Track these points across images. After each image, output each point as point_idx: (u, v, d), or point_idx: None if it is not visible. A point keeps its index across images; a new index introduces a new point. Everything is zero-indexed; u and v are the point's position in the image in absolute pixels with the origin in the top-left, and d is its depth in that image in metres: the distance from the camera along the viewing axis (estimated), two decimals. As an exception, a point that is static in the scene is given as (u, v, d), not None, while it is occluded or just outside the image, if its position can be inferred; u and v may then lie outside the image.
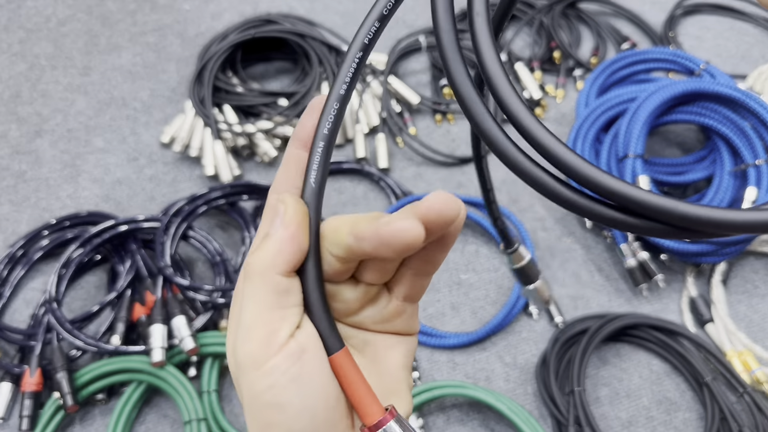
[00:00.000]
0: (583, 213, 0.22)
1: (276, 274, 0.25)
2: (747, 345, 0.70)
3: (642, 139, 0.74)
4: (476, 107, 0.23)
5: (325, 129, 0.27)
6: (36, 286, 0.77)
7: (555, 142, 0.21)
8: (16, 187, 0.87)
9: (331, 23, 1.07)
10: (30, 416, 0.64)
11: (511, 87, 0.23)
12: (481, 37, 0.23)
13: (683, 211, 0.20)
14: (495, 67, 0.23)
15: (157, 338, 0.65)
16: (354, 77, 0.27)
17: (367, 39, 0.27)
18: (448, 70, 0.24)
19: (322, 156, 0.27)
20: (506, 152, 0.23)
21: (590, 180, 0.21)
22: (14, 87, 1.00)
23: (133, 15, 1.12)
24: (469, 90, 0.24)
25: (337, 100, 0.27)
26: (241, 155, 0.89)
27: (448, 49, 0.24)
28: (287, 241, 0.25)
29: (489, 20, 0.23)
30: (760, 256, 0.79)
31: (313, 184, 0.27)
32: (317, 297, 0.26)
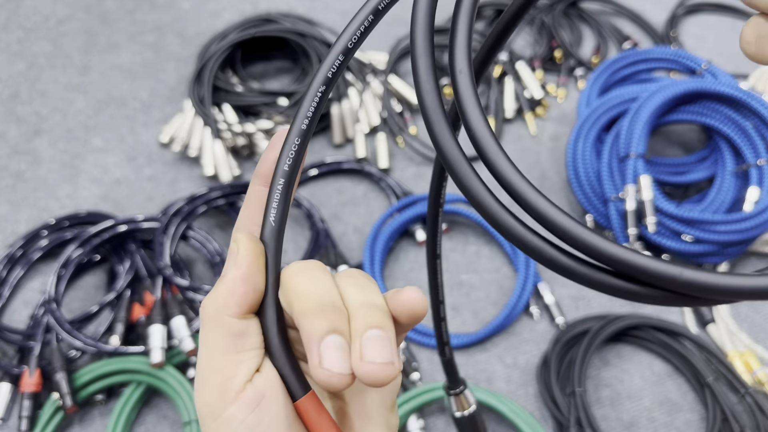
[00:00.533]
0: (583, 281, 0.21)
1: (228, 316, 0.24)
2: (748, 346, 0.70)
3: (644, 139, 0.74)
4: (471, 181, 0.22)
5: (285, 165, 0.26)
6: (35, 286, 0.77)
7: (555, 210, 0.20)
8: (14, 187, 0.87)
9: (331, 22, 1.07)
10: (29, 417, 0.63)
11: (500, 149, 0.22)
12: (466, 98, 0.22)
13: (688, 278, 0.19)
14: (484, 132, 0.22)
15: (156, 339, 0.65)
16: (316, 111, 0.26)
17: (330, 73, 0.26)
18: (435, 139, 0.23)
19: (282, 193, 0.26)
20: (503, 221, 0.22)
21: (591, 247, 0.20)
22: (13, 86, 0.99)
23: (132, 14, 1.11)
24: (459, 161, 0.22)
25: (298, 135, 0.26)
26: (240, 155, 0.89)
27: (432, 112, 0.23)
28: (239, 282, 0.24)
29: (472, 77, 0.22)
30: (762, 256, 0.79)
31: (273, 223, 0.26)
32: (277, 339, 0.25)
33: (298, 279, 0.24)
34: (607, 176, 0.76)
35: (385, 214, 0.80)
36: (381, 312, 0.24)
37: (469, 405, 0.39)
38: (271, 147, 0.27)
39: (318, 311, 0.23)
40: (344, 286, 0.25)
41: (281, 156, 0.26)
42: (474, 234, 0.82)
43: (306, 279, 0.24)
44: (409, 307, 0.24)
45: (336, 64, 0.26)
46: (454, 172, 0.22)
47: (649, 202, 0.71)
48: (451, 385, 0.38)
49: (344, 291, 0.24)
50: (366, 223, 0.83)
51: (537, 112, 0.95)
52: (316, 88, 0.26)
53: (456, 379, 0.36)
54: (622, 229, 0.73)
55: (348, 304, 0.24)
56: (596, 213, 0.78)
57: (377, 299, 0.24)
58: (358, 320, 0.23)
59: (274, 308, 0.25)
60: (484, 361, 0.71)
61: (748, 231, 0.70)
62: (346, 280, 0.25)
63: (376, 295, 0.25)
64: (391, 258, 0.80)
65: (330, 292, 0.24)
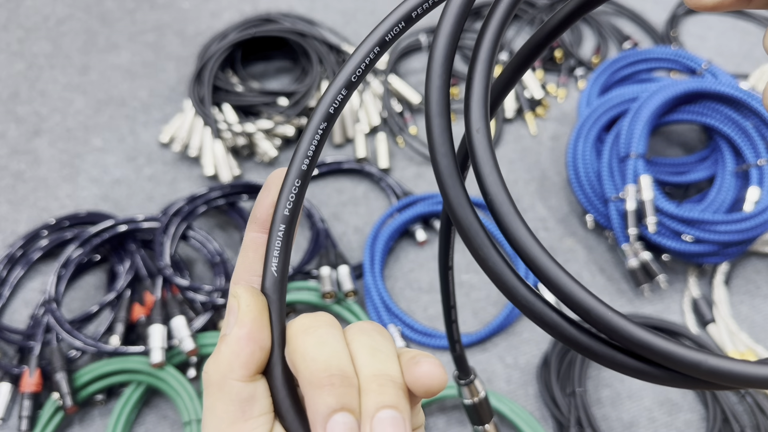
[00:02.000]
0: (603, 362, 0.21)
1: (235, 380, 0.22)
2: (749, 346, 0.70)
3: (644, 139, 0.74)
4: (490, 254, 0.21)
5: (286, 210, 0.24)
6: (35, 286, 0.77)
7: (578, 288, 0.20)
8: (14, 186, 0.87)
9: (331, 22, 1.07)
10: (29, 417, 0.63)
11: (521, 221, 0.21)
12: (483, 161, 0.21)
13: (712, 365, 0.19)
14: (503, 200, 0.21)
15: (156, 339, 0.65)
16: (317, 150, 0.24)
17: (332, 108, 0.24)
18: (450, 206, 0.22)
19: (283, 240, 0.24)
20: (525, 299, 0.21)
21: (616, 330, 0.20)
22: (13, 86, 0.99)
23: (132, 14, 1.11)
24: (479, 233, 0.22)
25: (298, 176, 0.24)
26: (240, 155, 0.89)
27: (447, 177, 0.22)
28: (244, 342, 0.22)
29: (489, 138, 0.21)
30: (763, 256, 0.79)
31: (275, 273, 0.24)
32: (288, 402, 0.23)
33: (304, 340, 0.22)
34: (607, 176, 0.76)
35: (385, 214, 0.80)
36: (395, 387, 0.22)
37: (478, 393, 0.41)
38: (266, 189, 0.25)
39: (325, 383, 0.21)
40: (356, 348, 0.23)
41: (280, 199, 0.24)
42: (474, 234, 0.81)
43: (313, 340, 0.22)
44: (426, 383, 0.22)
45: (338, 99, 0.24)
46: (469, 241, 0.22)
47: (649, 201, 0.71)
48: (461, 375, 0.39)
49: (356, 355, 0.22)
50: (366, 223, 0.83)
51: (537, 112, 0.95)
52: (316, 125, 0.24)
53: (467, 370, 0.38)
54: (622, 229, 0.73)
55: (359, 372, 0.22)
56: (596, 213, 0.78)
57: (392, 369, 0.22)
58: (369, 397, 0.21)
59: (282, 366, 0.23)
60: (484, 361, 0.71)
61: (749, 231, 0.70)
62: (358, 339, 0.23)
63: (391, 363, 0.23)
64: (391, 258, 0.80)
65: (339, 357, 0.22)
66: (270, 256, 0.24)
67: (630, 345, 0.20)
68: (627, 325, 0.19)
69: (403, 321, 0.72)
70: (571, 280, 0.20)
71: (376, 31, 0.24)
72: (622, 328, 0.19)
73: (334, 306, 0.72)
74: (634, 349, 0.20)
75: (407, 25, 0.24)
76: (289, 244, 0.24)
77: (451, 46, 0.23)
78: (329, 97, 0.24)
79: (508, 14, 0.23)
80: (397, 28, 0.24)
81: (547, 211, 0.84)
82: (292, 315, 0.74)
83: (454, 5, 0.23)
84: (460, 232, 0.22)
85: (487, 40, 0.22)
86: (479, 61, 0.22)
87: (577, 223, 0.82)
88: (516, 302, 0.21)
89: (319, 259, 0.74)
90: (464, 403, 0.41)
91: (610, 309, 0.20)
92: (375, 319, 0.73)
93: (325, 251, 0.75)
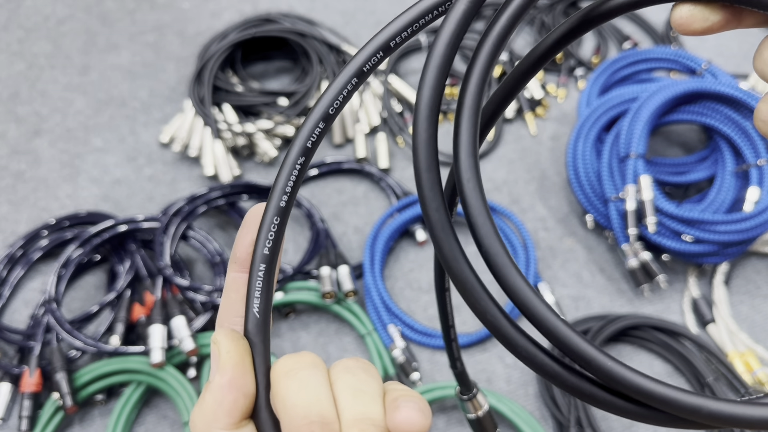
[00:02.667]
0: (606, 408, 0.22)
1: (220, 429, 0.22)
2: (749, 346, 0.70)
3: (644, 139, 0.74)
4: (488, 307, 0.22)
5: (265, 249, 0.23)
6: (35, 286, 0.77)
7: (581, 341, 0.21)
8: (14, 187, 0.87)
9: (331, 22, 1.07)
10: (29, 417, 0.63)
11: (519, 274, 0.22)
12: (476, 212, 0.21)
13: (713, 410, 0.20)
14: (498, 251, 0.22)
15: (156, 339, 0.65)
16: (295, 185, 0.24)
17: (310, 142, 0.24)
18: (446, 262, 0.22)
19: (264, 280, 0.23)
20: (526, 351, 0.22)
21: (614, 378, 0.20)
22: (13, 86, 0.99)
23: (132, 14, 1.11)
24: (475, 287, 0.22)
25: (277, 213, 0.24)
26: (240, 155, 0.89)
27: (440, 231, 0.22)
28: (225, 390, 0.22)
29: (480, 188, 0.22)
30: (762, 256, 0.79)
31: (257, 314, 0.23)
32: None
33: (286, 384, 0.22)
34: (607, 176, 0.76)
35: (385, 214, 0.80)
36: (376, 431, 0.22)
37: (481, 407, 0.41)
38: (245, 227, 0.24)
39: (304, 431, 0.21)
40: (340, 389, 0.23)
41: (259, 238, 0.24)
42: (474, 234, 0.82)
43: (294, 385, 0.22)
44: (406, 429, 0.22)
45: (316, 132, 0.24)
46: (466, 295, 0.22)
47: (649, 202, 0.71)
48: (463, 390, 0.39)
49: (338, 396, 0.22)
50: (366, 223, 0.83)
51: (537, 112, 0.95)
52: (293, 160, 0.24)
53: (468, 385, 0.37)
54: (622, 229, 0.73)
55: (341, 415, 0.22)
56: (596, 213, 0.78)
57: (374, 412, 0.22)
58: None
59: (268, 410, 0.23)
60: (484, 361, 0.71)
61: (748, 231, 0.70)
62: (342, 378, 0.23)
63: (374, 406, 0.22)
64: (391, 258, 0.80)
65: (320, 402, 0.22)
66: (251, 297, 0.23)
67: (631, 393, 0.21)
68: (628, 374, 0.20)
69: (403, 321, 0.72)
70: (571, 331, 0.21)
71: (351, 63, 0.24)
72: (623, 378, 0.20)
73: (334, 306, 0.72)
74: (635, 397, 0.21)
75: (385, 54, 0.24)
76: (270, 283, 0.24)
77: (437, 97, 0.23)
78: (306, 130, 0.24)
79: (494, 54, 0.23)
80: (375, 58, 0.24)
81: (547, 211, 0.84)
82: (292, 315, 0.74)
83: (437, 57, 0.23)
84: (457, 285, 0.23)
85: (474, 81, 0.22)
86: (465, 107, 0.22)
87: (577, 223, 0.82)
88: (517, 353, 0.22)
89: (319, 259, 0.74)
90: (468, 417, 0.41)
91: (611, 359, 0.21)
92: (375, 318, 0.73)
93: (325, 251, 0.75)
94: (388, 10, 1.12)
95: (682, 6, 0.23)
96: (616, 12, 0.24)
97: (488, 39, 0.23)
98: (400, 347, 0.70)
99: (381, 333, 0.71)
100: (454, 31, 0.23)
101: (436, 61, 0.23)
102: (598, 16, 0.25)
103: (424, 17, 0.24)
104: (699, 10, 0.23)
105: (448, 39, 0.23)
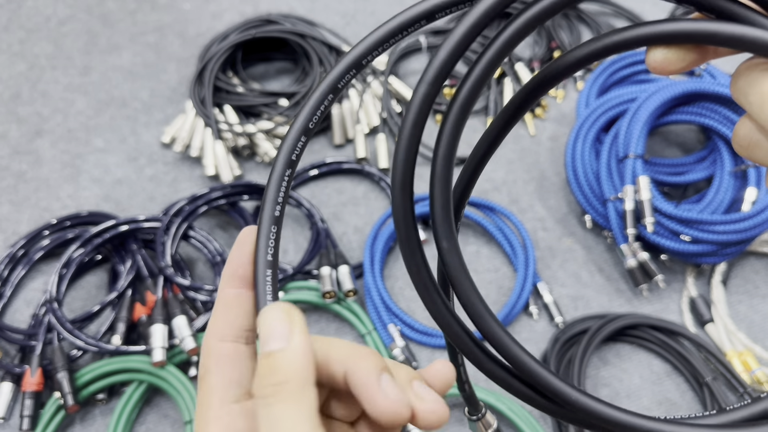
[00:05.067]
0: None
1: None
2: (747, 345, 0.70)
3: (642, 140, 0.74)
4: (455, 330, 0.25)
5: (269, 255, 0.25)
6: (37, 286, 0.77)
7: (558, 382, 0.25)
8: (16, 187, 0.87)
9: (331, 23, 1.07)
10: (31, 416, 0.64)
11: (506, 333, 0.25)
12: (457, 275, 0.24)
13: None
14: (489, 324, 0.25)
15: (157, 338, 0.65)
16: (285, 196, 0.25)
17: (295, 155, 0.25)
18: (432, 311, 0.25)
19: (272, 284, 0.24)
20: (522, 393, 0.26)
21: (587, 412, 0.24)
22: (14, 87, 1.00)
23: (133, 15, 1.12)
24: (466, 343, 0.26)
25: (272, 222, 0.25)
26: (241, 155, 0.89)
27: (423, 289, 0.25)
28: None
29: (458, 253, 0.24)
30: (761, 256, 0.79)
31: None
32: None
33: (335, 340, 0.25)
34: (605, 176, 0.76)
35: (385, 214, 0.80)
36: (415, 372, 0.25)
37: (491, 425, 0.41)
38: (238, 246, 0.25)
39: (368, 353, 0.23)
40: None
41: (259, 247, 0.25)
42: (474, 234, 0.82)
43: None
44: (442, 376, 0.26)
45: (299, 146, 0.26)
46: (463, 351, 0.26)
47: (647, 202, 0.71)
48: (472, 411, 0.40)
49: None
50: (366, 223, 0.83)
51: (536, 113, 0.95)
52: (281, 173, 0.25)
53: (477, 406, 0.38)
54: (620, 230, 0.74)
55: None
56: (595, 213, 0.78)
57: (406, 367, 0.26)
58: (400, 373, 0.24)
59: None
60: (483, 361, 0.71)
61: (747, 231, 0.70)
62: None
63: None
64: (391, 258, 0.80)
65: None
66: (262, 301, 0.24)
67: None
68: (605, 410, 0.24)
69: (403, 320, 0.73)
70: (559, 381, 0.25)
71: (326, 78, 0.26)
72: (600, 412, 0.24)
73: (335, 305, 0.72)
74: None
75: (357, 71, 0.26)
76: (276, 288, 0.25)
77: (410, 173, 0.24)
78: (287, 145, 0.26)
79: (459, 123, 0.24)
80: (348, 76, 0.25)
81: (546, 211, 0.84)
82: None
83: (409, 127, 0.24)
84: (456, 344, 0.26)
85: (443, 151, 0.24)
86: (437, 177, 0.24)
87: (576, 223, 0.83)
88: (514, 393, 0.26)
89: (319, 258, 0.75)
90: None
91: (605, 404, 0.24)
92: (375, 318, 0.73)
93: (325, 251, 0.76)
94: (387, 11, 1.12)
95: (656, 50, 0.23)
96: (575, 68, 0.25)
97: (462, 92, 0.24)
98: (399, 346, 0.70)
99: (381, 332, 0.72)
100: (420, 112, 0.24)
101: (407, 136, 0.24)
102: (552, 77, 0.26)
103: (393, 37, 0.25)
104: (673, 53, 0.23)
105: (419, 109, 0.24)
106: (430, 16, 0.24)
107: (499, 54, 0.23)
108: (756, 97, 0.22)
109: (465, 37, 0.23)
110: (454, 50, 0.23)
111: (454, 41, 0.23)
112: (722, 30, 0.22)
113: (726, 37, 0.22)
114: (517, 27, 0.23)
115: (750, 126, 0.23)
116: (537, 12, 0.22)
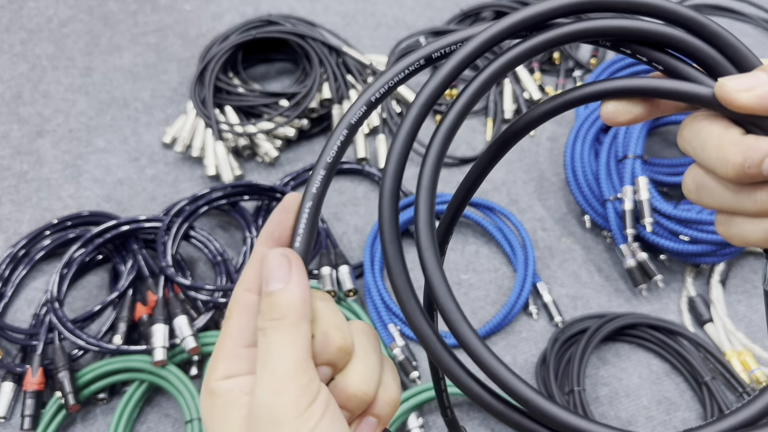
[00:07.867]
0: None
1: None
2: (746, 345, 0.70)
3: (641, 140, 0.75)
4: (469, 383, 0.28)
5: (314, 188, 0.28)
6: (38, 285, 0.77)
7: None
8: (17, 187, 0.87)
9: (331, 24, 1.08)
10: (32, 416, 0.64)
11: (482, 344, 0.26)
12: (443, 296, 0.26)
13: None
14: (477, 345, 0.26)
15: (158, 338, 0.65)
16: (340, 150, 0.28)
17: (355, 120, 0.28)
18: (406, 315, 0.27)
19: (310, 217, 0.28)
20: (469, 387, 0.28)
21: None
22: (16, 87, 1.00)
23: (134, 16, 1.12)
24: (454, 368, 0.28)
25: (325, 168, 0.28)
26: (242, 155, 0.90)
27: (404, 297, 0.27)
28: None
29: (444, 279, 0.26)
30: (760, 256, 0.79)
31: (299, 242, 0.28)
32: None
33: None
34: (605, 177, 0.76)
35: (385, 214, 0.80)
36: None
37: None
38: (283, 211, 0.28)
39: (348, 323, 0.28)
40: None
41: (309, 184, 0.28)
42: (473, 234, 0.82)
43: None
44: None
45: (359, 115, 0.28)
46: (451, 377, 0.27)
47: (646, 202, 0.72)
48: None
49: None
50: (366, 223, 0.83)
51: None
52: (339, 132, 0.28)
53: (458, 430, 0.40)
54: (619, 230, 0.74)
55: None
56: (594, 213, 0.78)
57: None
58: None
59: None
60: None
61: (745, 231, 0.70)
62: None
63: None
64: (391, 258, 0.80)
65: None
66: (298, 234, 0.27)
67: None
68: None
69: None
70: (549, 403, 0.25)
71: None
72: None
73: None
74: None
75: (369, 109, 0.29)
76: (315, 223, 0.28)
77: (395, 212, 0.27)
78: (359, 104, 0.28)
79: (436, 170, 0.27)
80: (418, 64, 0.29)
81: (546, 212, 0.84)
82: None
83: (393, 164, 0.27)
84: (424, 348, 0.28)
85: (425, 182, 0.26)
86: (420, 214, 0.27)
87: (575, 223, 0.83)
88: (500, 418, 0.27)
89: (320, 258, 0.75)
90: None
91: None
92: (375, 318, 0.73)
93: (326, 251, 0.76)
94: (387, 12, 1.13)
95: (608, 103, 0.28)
96: (540, 121, 0.29)
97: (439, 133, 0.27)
98: (399, 346, 0.70)
99: (381, 332, 0.72)
100: (401, 152, 0.27)
101: (392, 170, 0.27)
102: (515, 133, 0.29)
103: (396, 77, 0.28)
104: (622, 105, 0.27)
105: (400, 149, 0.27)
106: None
107: (477, 92, 0.27)
108: (698, 142, 0.26)
109: (454, 70, 0.26)
110: (444, 80, 0.27)
111: (445, 72, 0.27)
112: (663, 85, 0.26)
113: (667, 91, 0.26)
114: (487, 75, 0.27)
115: (696, 171, 0.27)
116: (498, 67, 0.27)
